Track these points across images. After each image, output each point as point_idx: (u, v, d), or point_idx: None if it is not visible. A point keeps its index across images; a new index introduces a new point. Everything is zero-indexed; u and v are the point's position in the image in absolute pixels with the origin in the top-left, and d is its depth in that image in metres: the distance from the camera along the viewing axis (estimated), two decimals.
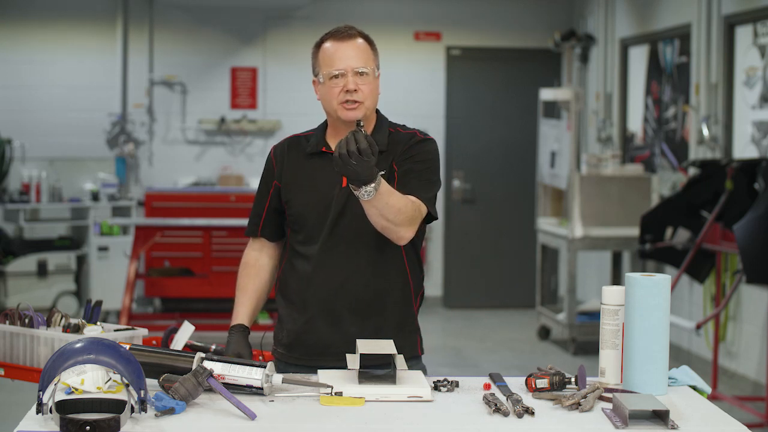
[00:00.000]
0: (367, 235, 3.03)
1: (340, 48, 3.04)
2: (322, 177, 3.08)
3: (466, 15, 10.28)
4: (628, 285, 2.74)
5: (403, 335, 3.10)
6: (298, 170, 3.13)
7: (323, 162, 3.09)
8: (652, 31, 8.66)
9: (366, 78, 3.03)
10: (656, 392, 2.68)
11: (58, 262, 9.31)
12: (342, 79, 3.02)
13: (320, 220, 3.06)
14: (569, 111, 8.38)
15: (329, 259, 3.05)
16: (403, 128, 3.17)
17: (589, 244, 8.21)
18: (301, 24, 10.10)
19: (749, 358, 7.05)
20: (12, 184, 9.54)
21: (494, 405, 2.54)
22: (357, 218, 3.01)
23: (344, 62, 3.02)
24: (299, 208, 3.09)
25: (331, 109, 3.07)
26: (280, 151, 3.18)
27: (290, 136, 3.24)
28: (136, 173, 9.99)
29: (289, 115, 10.02)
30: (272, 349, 3.22)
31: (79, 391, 2.54)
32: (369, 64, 3.04)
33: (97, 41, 9.91)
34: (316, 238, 3.07)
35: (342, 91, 3.02)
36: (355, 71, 3.01)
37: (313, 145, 3.13)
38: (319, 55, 3.09)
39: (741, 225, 6.05)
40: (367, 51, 3.06)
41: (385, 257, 3.07)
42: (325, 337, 3.03)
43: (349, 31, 3.07)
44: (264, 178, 3.20)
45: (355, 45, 3.05)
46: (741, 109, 7.35)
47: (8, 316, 3.05)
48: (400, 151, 3.08)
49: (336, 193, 3.06)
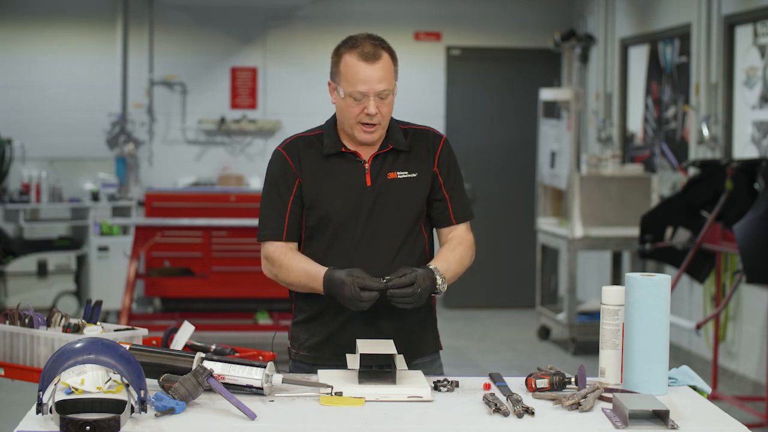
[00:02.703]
0: (395, 233, 3.06)
1: (365, 69, 2.95)
2: (346, 178, 3.06)
3: (466, 15, 10.28)
4: (628, 285, 2.74)
5: (426, 330, 3.16)
6: (318, 171, 3.07)
7: (344, 162, 3.07)
8: (652, 31, 8.66)
9: (387, 98, 2.99)
10: (656, 392, 2.68)
11: (58, 262, 9.31)
12: (363, 101, 2.97)
13: (349, 221, 3.04)
14: (569, 111, 8.38)
15: (362, 259, 3.03)
16: (413, 125, 3.18)
17: (589, 244, 8.21)
18: (301, 24, 10.10)
19: (749, 358, 7.05)
20: (12, 184, 9.54)
21: (494, 405, 2.54)
22: (385, 218, 3.05)
23: (367, 85, 2.95)
24: (325, 210, 3.05)
25: (347, 124, 3.03)
26: (294, 150, 3.09)
27: (295, 136, 3.15)
28: (136, 173, 9.99)
29: (289, 115, 10.02)
30: (293, 353, 3.17)
31: (79, 391, 2.54)
32: (391, 83, 2.99)
33: (97, 41, 9.91)
34: (344, 239, 3.05)
35: (362, 113, 2.98)
36: (377, 93, 2.96)
37: (330, 146, 3.07)
38: (341, 66, 2.99)
39: (741, 225, 6.04)
40: (390, 68, 3.00)
41: (413, 254, 3.09)
42: (361, 336, 2.97)
43: (374, 50, 2.97)
44: (279, 179, 3.08)
45: (381, 66, 2.96)
46: (741, 109, 7.34)
47: (8, 316, 3.05)
48: (427, 152, 3.12)
49: (363, 193, 3.05)
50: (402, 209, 3.07)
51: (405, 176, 3.08)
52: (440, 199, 3.14)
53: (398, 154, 3.10)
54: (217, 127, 10.00)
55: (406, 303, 2.90)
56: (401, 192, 3.07)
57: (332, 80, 3.04)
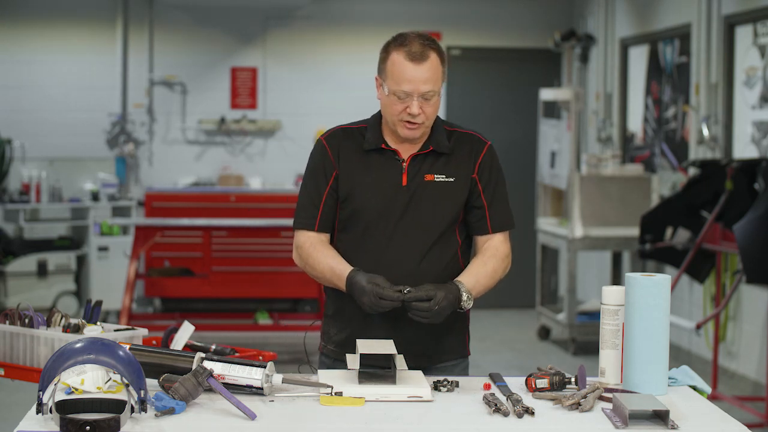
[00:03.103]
0: (426, 235, 3.04)
1: (411, 69, 2.93)
2: (383, 175, 3.04)
3: (466, 15, 10.28)
4: (628, 285, 2.74)
5: (452, 335, 3.13)
6: (356, 165, 3.06)
7: (382, 159, 3.06)
8: (652, 31, 8.66)
9: (431, 99, 2.96)
10: (656, 392, 2.68)
11: (58, 262, 9.31)
12: (407, 100, 2.94)
13: (380, 218, 3.03)
14: (569, 111, 8.38)
15: (391, 257, 3.02)
16: (460, 127, 3.13)
17: (589, 244, 8.21)
18: (301, 24, 10.09)
19: (749, 358, 7.05)
20: (12, 184, 9.54)
21: (494, 405, 2.54)
22: (417, 219, 3.03)
23: (413, 85, 2.93)
24: (358, 205, 3.04)
25: (390, 120, 3.01)
26: (334, 141, 3.08)
27: (338, 127, 3.13)
28: (136, 173, 9.99)
29: (289, 115, 10.01)
30: (322, 345, 3.19)
31: (79, 391, 2.54)
32: (437, 84, 2.96)
33: (97, 41, 9.91)
34: (374, 236, 3.04)
35: (404, 111, 2.96)
36: (421, 94, 2.94)
37: (371, 142, 3.06)
38: (387, 64, 2.97)
39: (741, 225, 6.04)
40: (438, 69, 2.96)
41: (442, 258, 3.06)
42: (383, 335, 2.95)
43: (422, 49, 2.93)
44: (317, 168, 3.08)
45: (427, 67, 2.93)
46: (741, 109, 7.34)
47: (8, 316, 3.05)
48: (468, 158, 3.07)
49: (397, 192, 3.04)
50: (435, 212, 3.04)
51: (442, 179, 3.05)
52: (479, 206, 3.10)
53: (438, 156, 3.06)
54: (217, 127, 10.00)
55: (422, 317, 2.87)
56: (436, 195, 3.04)
57: (379, 76, 3.02)
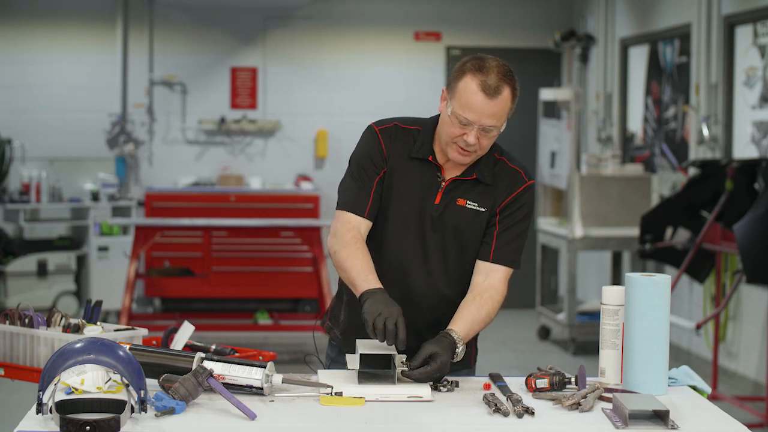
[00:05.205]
0: (445, 258, 3.01)
1: (481, 101, 2.85)
2: (419, 187, 3.00)
3: (466, 15, 10.28)
4: (628, 285, 2.74)
5: None
6: (398, 167, 3.01)
7: (424, 170, 3.00)
8: (652, 31, 8.66)
9: (491, 133, 2.90)
10: (656, 392, 2.68)
11: (58, 262, 9.31)
12: (467, 127, 2.87)
13: (405, 229, 2.99)
14: (569, 111, 8.38)
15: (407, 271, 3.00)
16: (509, 159, 3.06)
17: (589, 244, 8.21)
18: (301, 24, 10.09)
19: (749, 358, 7.05)
20: (12, 184, 9.54)
21: (494, 405, 2.54)
22: (438, 240, 2.99)
23: (477, 116, 2.85)
24: (389, 209, 3.00)
25: (444, 139, 2.94)
26: (387, 136, 3.02)
27: (395, 122, 3.06)
28: (136, 173, 9.99)
29: (289, 115, 10.01)
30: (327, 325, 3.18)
31: (79, 391, 2.53)
32: (501, 120, 2.89)
33: (97, 41, 9.91)
34: (395, 244, 3.01)
35: (461, 137, 2.89)
36: (482, 127, 2.88)
37: (419, 150, 3.00)
38: (459, 84, 2.88)
39: (741, 225, 6.04)
40: (507, 106, 2.89)
41: (460, 283, 3.03)
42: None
43: (498, 84, 2.87)
44: (370, 157, 3.01)
45: (497, 102, 2.86)
46: (741, 109, 7.34)
47: (8, 316, 3.05)
48: (504, 192, 3.01)
49: (427, 208, 2.99)
50: (458, 237, 3.00)
51: (473, 207, 3.00)
52: (489, 232, 3.02)
53: (477, 184, 3.01)
54: (217, 127, 10.00)
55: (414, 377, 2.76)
56: (463, 221, 2.99)
57: (447, 90, 2.94)
